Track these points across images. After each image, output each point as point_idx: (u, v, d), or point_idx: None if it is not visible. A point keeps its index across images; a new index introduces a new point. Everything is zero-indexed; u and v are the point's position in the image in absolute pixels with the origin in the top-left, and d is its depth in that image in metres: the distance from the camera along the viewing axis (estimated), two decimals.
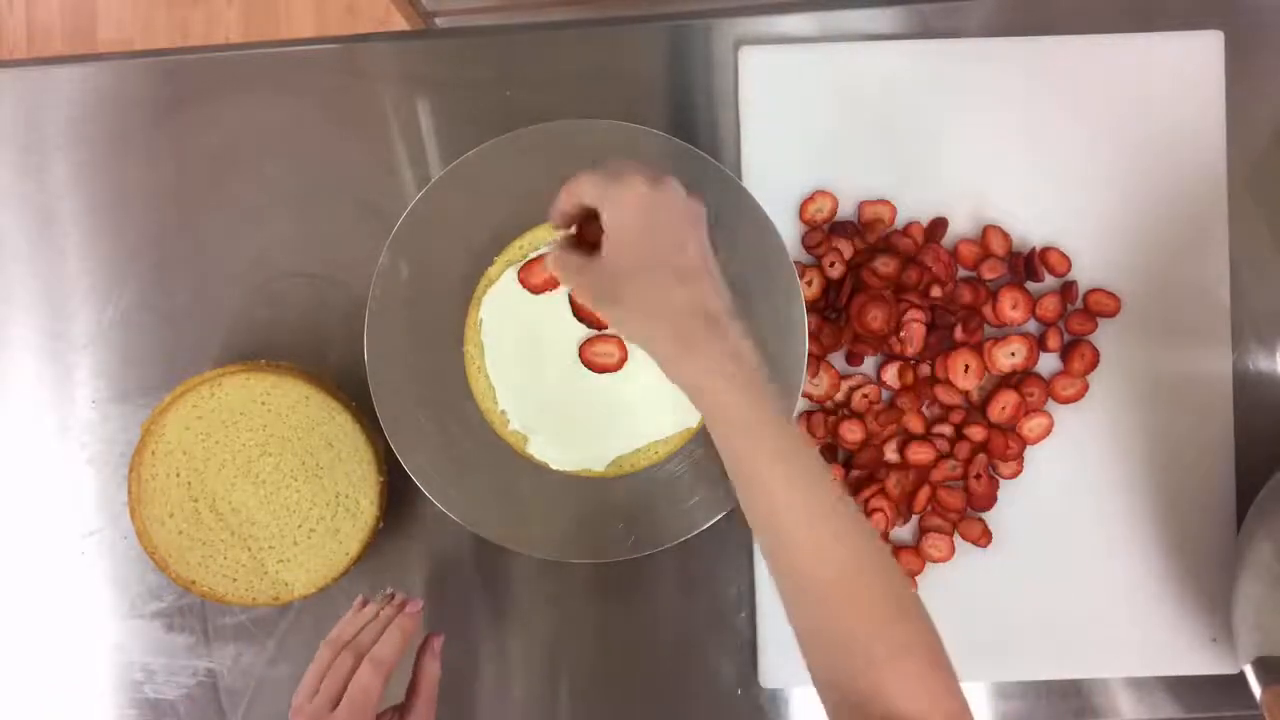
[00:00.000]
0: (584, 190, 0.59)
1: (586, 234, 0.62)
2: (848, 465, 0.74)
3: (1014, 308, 0.74)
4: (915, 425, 0.74)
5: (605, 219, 0.58)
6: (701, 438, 0.73)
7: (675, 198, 0.58)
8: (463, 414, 0.73)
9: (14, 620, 0.78)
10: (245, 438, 0.71)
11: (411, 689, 0.66)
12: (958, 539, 0.75)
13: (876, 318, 0.72)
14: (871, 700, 0.51)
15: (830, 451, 0.75)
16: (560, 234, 0.63)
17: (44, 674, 0.78)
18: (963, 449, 0.74)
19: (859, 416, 0.74)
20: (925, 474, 0.74)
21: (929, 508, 0.75)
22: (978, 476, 0.74)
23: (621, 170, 0.58)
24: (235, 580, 0.71)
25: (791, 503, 0.54)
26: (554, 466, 0.73)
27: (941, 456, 0.74)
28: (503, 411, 0.73)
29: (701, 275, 0.58)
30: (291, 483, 0.71)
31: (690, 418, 0.72)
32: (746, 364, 0.56)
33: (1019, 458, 0.75)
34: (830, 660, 0.54)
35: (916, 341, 0.73)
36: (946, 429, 0.75)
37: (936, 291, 0.74)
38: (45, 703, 0.79)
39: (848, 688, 0.52)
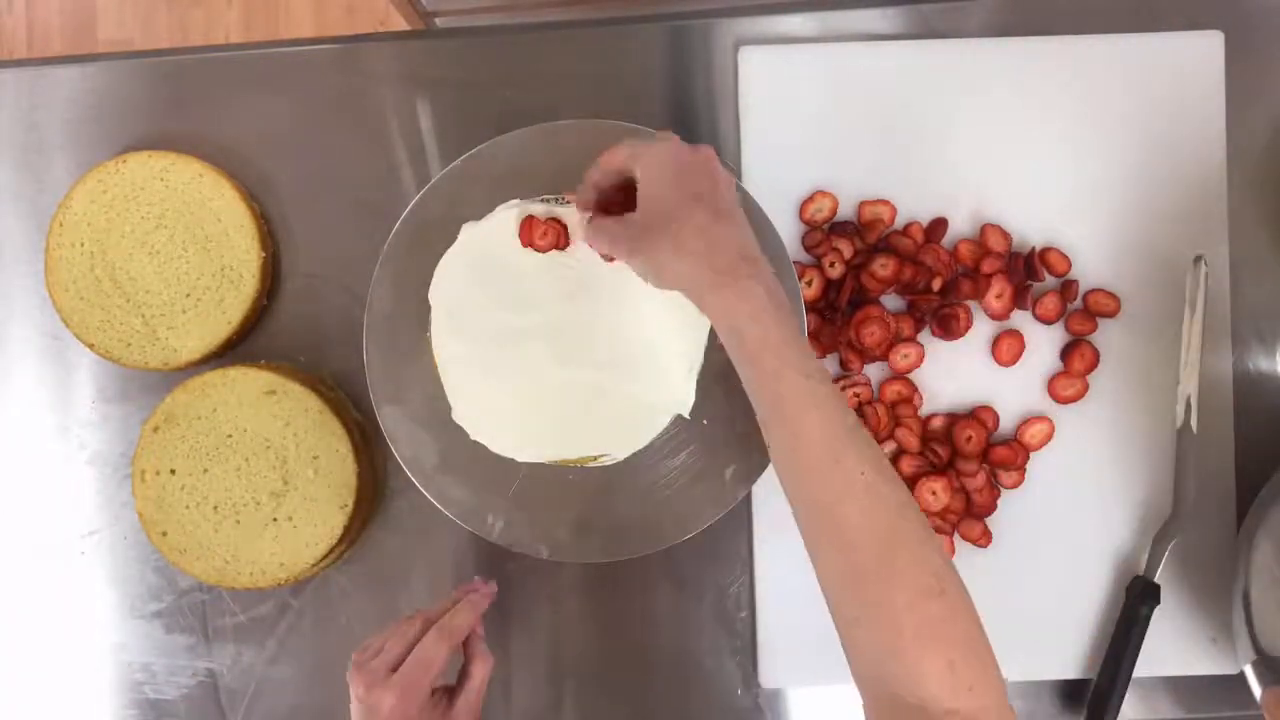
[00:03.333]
0: (617, 156, 0.61)
1: (611, 209, 0.64)
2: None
3: (998, 297, 0.74)
4: (908, 441, 0.74)
5: (639, 173, 0.60)
6: (701, 439, 0.73)
7: (707, 155, 0.60)
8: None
9: (14, 620, 0.78)
10: (144, 211, 0.74)
11: (462, 674, 0.66)
12: (957, 539, 0.75)
13: (874, 334, 0.73)
14: (904, 683, 0.50)
15: None
16: (582, 209, 0.65)
17: (44, 674, 0.78)
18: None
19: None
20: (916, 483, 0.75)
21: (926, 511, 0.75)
22: (979, 490, 0.74)
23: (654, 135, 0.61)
24: (129, 345, 0.75)
25: (824, 438, 0.55)
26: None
27: (935, 469, 0.74)
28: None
29: (735, 215, 0.59)
30: (182, 254, 0.74)
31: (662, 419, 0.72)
32: (778, 299, 0.57)
33: (1022, 469, 0.75)
34: (865, 638, 0.53)
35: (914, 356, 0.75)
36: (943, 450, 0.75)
37: (937, 284, 0.74)
38: (45, 703, 0.79)
39: (881, 671, 0.51)
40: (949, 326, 0.74)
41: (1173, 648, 0.75)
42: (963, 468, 0.74)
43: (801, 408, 0.55)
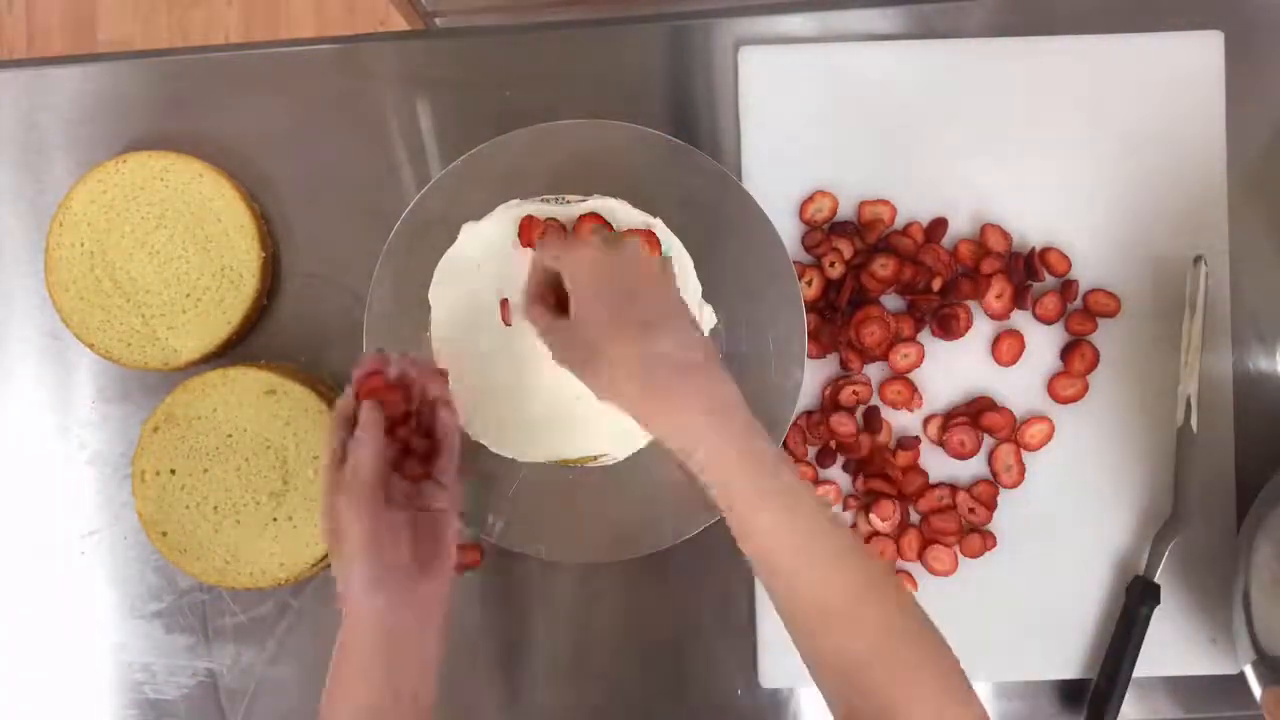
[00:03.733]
0: (544, 257, 0.61)
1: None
2: (858, 472, 0.75)
3: (998, 297, 0.74)
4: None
5: (566, 281, 0.59)
6: None
7: (630, 254, 0.59)
8: None
9: (14, 620, 0.78)
10: (144, 211, 0.74)
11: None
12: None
13: (873, 333, 0.73)
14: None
15: (829, 455, 0.75)
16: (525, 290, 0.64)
17: (44, 674, 0.78)
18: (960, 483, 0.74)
19: (849, 410, 0.74)
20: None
21: (925, 529, 0.75)
22: (971, 510, 0.74)
23: (579, 236, 0.60)
24: (129, 345, 0.74)
25: (793, 545, 0.53)
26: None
27: (931, 485, 0.75)
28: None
29: (663, 326, 0.57)
30: (182, 254, 0.74)
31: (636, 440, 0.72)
32: (723, 407, 0.55)
33: (1019, 466, 0.75)
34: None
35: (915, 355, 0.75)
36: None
37: (937, 284, 0.74)
38: (45, 703, 0.79)
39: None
40: (949, 326, 0.74)
41: (1173, 648, 0.75)
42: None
43: (769, 530, 0.54)
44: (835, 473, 0.76)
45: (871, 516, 0.74)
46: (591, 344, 0.57)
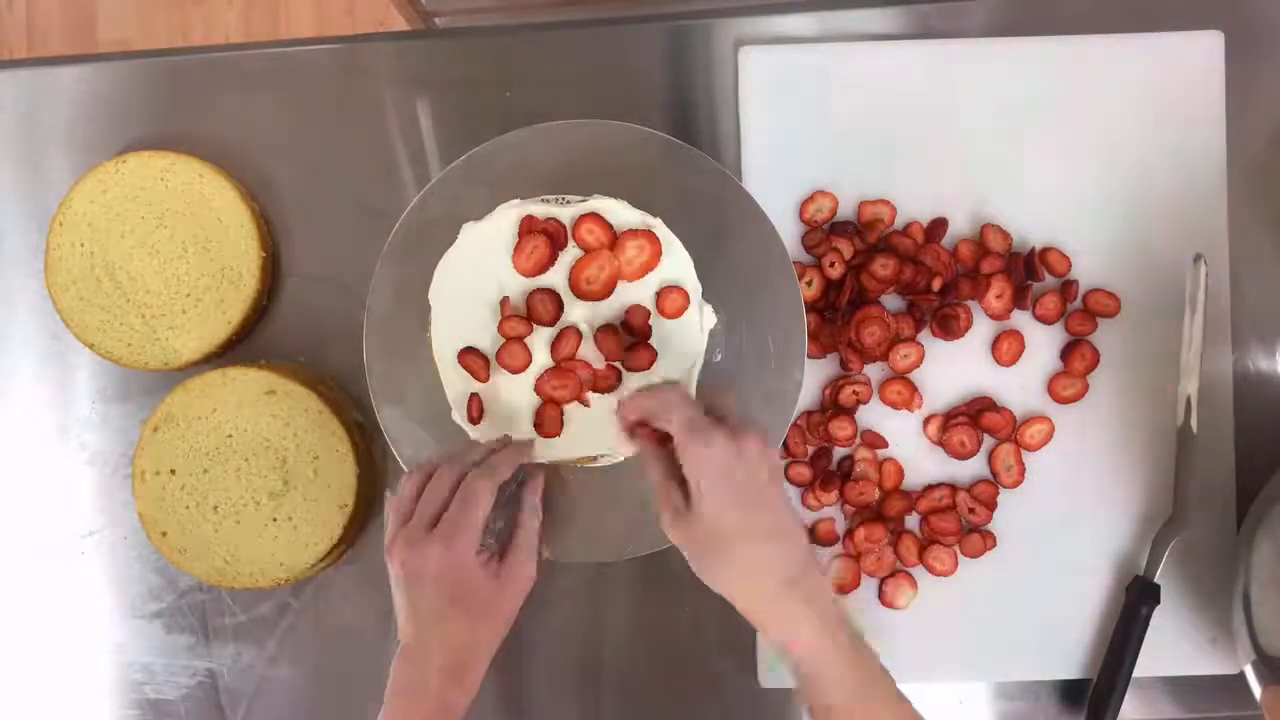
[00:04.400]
0: (671, 427, 0.60)
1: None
2: (846, 476, 0.75)
3: (998, 297, 0.74)
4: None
5: (689, 475, 0.59)
6: None
7: (756, 456, 0.59)
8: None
9: (14, 620, 0.78)
10: (144, 211, 0.74)
11: (507, 541, 0.65)
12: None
13: (873, 333, 0.73)
14: None
15: (826, 456, 0.75)
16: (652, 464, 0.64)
17: (44, 674, 0.78)
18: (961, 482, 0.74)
19: (849, 413, 0.74)
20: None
21: (925, 530, 0.75)
22: (971, 510, 0.74)
23: (703, 419, 0.60)
24: (130, 345, 0.74)
25: None
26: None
27: (929, 486, 0.75)
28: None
29: (782, 537, 0.59)
30: (182, 254, 0.74)
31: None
32: (824, 613, 0.58)
33: (1019, 466, 0.75)
34: None
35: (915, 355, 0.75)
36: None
37: (937, 284, 0.74)
38: (45, 703, 0.79)
39: None
40: (949, 326, 0.74)
41: (1173, 648, 0.75)
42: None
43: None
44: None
45: (859, 532, 0.74)
46: (711, 541, 0.59)
